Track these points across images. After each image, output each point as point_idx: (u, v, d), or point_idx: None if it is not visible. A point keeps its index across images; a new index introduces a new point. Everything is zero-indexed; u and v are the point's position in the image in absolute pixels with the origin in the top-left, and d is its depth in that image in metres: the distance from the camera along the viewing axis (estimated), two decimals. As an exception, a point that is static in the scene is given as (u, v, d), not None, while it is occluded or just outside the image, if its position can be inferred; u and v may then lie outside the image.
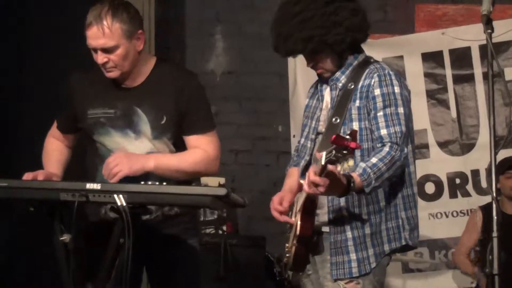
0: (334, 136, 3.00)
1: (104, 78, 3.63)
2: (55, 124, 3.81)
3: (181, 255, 3.70)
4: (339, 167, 3.12)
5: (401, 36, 6.31)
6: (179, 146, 3.67)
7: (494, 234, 2.84)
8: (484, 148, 4.43)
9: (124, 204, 3.02)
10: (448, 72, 6.28)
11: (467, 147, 6.27)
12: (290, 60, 6.46)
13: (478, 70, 6.09)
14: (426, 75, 6.15)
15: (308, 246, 3.53)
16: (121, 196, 3.03)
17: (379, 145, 3.43)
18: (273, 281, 5.58)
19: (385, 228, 3.47)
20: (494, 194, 2.90)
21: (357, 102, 3.48)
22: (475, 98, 6.27)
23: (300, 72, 6.45)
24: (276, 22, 3.58)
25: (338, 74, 3.55)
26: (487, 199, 5.50)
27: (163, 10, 6.15)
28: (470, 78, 6.25)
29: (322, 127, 3.57)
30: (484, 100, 6.16)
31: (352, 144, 2.98)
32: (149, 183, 3.58)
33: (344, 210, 3.46)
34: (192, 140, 3.66)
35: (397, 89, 3.46)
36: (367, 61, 3.58)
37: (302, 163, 3.63)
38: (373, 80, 3.47)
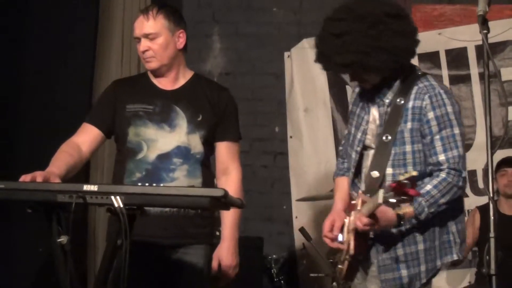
0: (394, 184, 3.07)
1: (143, 81, 3.92)
2: (80, 128, 3.88)
3: (190, 259, 3.77)
4: (397, 211, 3.22)
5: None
6: (206, 149, 3.84)
7: (491, 234, 2.85)
8: (481, 148, 4.45)
9: (121, 205, 3.01)
10: (445, 72, 6.30)
11: (463, 148, 6.29)
12: (287, 60, 6.48)
13: (474, 70, 6.09)
14: (423, 76, 6.17)
15: (359, 261, 3.60)
16: (118, 197, 3.02)
17: (436, 170, 3.43)
18: (271, 282, 5.59)
19: (438, 244, 3.46)
20: (491, 195, 2.90)
21: (409, 124, 3.45)
22: (471, 99, 6.28)
23: (296, 72, 6.47)
24: (319, 39, 3.56)
25: (384, 90, 3.52)
26: (484, 199, 5.51)
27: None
28: (466, 79, 6.26)
29: (370, 142, 3.57)
30: (480, 100, 6.17)
31: (412, 192, 3.07)
32: (146, 184, 3.65)
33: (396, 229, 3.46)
34: (222, 146, 3.90)
35: (450, 109, 3.43)
36: (415, 74, 3.53)
37: (352, 176, 3.66)
38: (424, 102, 3.44)
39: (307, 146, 6.42)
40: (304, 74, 6.47)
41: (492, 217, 2.87)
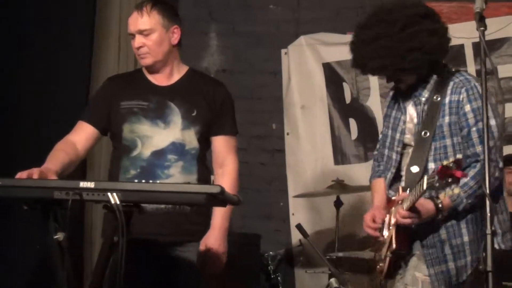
0: (440, 167, 3.15)
1: (138, 77, 3.94)
2: (75, 126, 3.89)
3: (186, 257, 3.77)
4: (442, 194, 3.32)
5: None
6: (202, 144, 3.85)
7: (488, 231, 2.84)
8: (478, 145, 4.42)
9: (118, 202, 3.01)
10: (442, 69, 6.30)
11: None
12: (284, 57, 6.48)
13: (471, 67, 6.07)
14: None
15: (401, 256, 3.59)
16: (114, 194, 3.02)
17: (474, 162, 3.46)
18: (268, 278, 5.60)
19: (481, 235, 3.44)
20: (488, 191, 2.89)
21: (447, 118, 3.50)
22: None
23: (293, 70, 6.47)
24: (352, 47, 3.60)
25: (419, 88, 3.57)
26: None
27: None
28: (463, 76, 6.26)
29: (409, 140, 3.62)
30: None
31: (458, 174, 3.14)
32: (143, 181, 3.66)
33: (440, 222, 3.48)
34: (219, 140, 3.92)
35: (486, 101, 3.39)
36: (449, 72, 3.58)
37: (389, 175, 3.68)
38: (461, 96, 3.48)
39: (304, 143, 6.42)
40: (301, 71, 6.47)
41: (489, 214, 2.86)
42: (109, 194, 3.02)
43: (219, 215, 3.78)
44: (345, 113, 6.40)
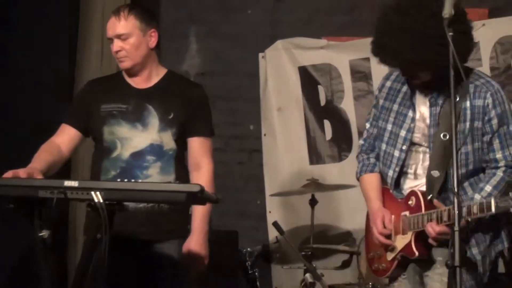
0: None
1: (118, 80, 3.93)
2: (59, 129, 3.91)
3: (166, 253, 3.78)
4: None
5: (368, 38, 6.29)
6: (180, 145, 3.85)
7: (456, 228, 2.85)
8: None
9: (101, 200, 3.02)
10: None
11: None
12: (261, 60, 6.49)
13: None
14: (392, 76, 6.17)
15: (416, 261, 3.47)
16: (98, 193, 3.03)
17: (493, 168, 3.37)
18: (245, 274, 5.60)
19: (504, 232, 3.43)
20: (456, 190, 2.90)
21: (469, 123, 3.34)
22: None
23: (270, 73, 6.48)
24: (383, 32, 3.37)
25: (435, 89, 3.39)
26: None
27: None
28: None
29: (420, 140, 3.43)
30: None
31: None
32: (125, 180, 3.66)
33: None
34: (194, 141, 3.90)
35: (507, 106, 3.38)
36: (466, 71, 3.26)
37: (392, 174, 3.51)
38: (487, 101, 3.34)
39: (281, 143, 6.43)
40: (278, 74, 6.48)
41: (457, 211, 2.87)
42: (92, 193, 3.03)
43: (199, 219, 3.80)
44: (320, 115, 6.41)
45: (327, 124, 6.39)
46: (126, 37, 3.79)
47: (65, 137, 3.86)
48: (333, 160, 6.32)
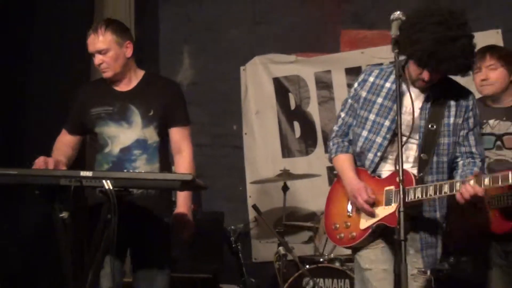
0: None
1: (103, 85, 3.80)
2: (62, 131, 3.86)
3: (157, 227, 3.72)
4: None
5: (329, 55, 6.34)
6: (162, 136, 3.75)
7: (401, 208, 2.81)
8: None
9: (111, 187, 3.01)
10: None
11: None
12: (242, 73, 6.48)
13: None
14: (349, 85, 6.17)
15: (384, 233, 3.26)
16: (108, 181, 3.02)
17: (470, 159, 3.30)
18: (230, 247, 5.59)
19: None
20: (401, 177, 2.86)
21: (452, 119, 3.26)
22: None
23: (249, 82, 6.47)
24: (436, 42, 3.02)
25: (438, 87, 3.25)
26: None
27: (140, 32, 6.10)
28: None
29: (404, 130, 3.16)
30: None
31: None
32: (131, 170, 3.63)
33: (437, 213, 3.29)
34: (174, 132, 3.77)
35: (478, 110, 3.36)
36: (448, 78, 3.27)
37: (372, 157, 3.31)
38: (470, 103, 3.28)
39: (258, 141, 6.42)
40: (256, 84, 6.47)
41: (402, 195, 2.83)
42: (103, 181, 3.02)
43: (182, 196, 3.73)
44: (290, 117, 6.41)
45: (296, 124, 6.39)
46: (105, 52, 3.66)
47: (69, 138, 3.84)
48: (301, 154, 6.33)
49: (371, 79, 3.38)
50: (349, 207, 3.38)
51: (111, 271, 3.23)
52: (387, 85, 3.32)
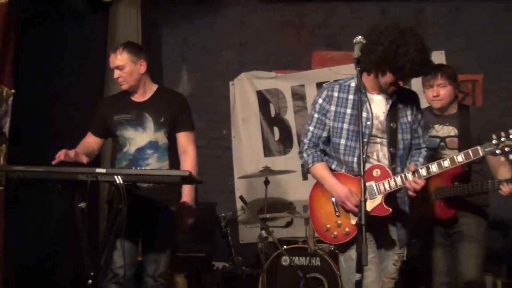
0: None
1: (124, 97, 3.82)
2: (88, 134, 3.86)
3: (163, 215, 3.71)
4: (502, 158, 3.02)
5: (303, 72, 6.35)
6: (171, 139, 3.75)
7: (362, 198, 2.78)
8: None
9: (121, 182, 3.00)
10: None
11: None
12: (231, 87, 6.47)
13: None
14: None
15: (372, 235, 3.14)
16: (119, 176, 3.01)
17: (418, 149, 3.28)
18: (220, 231, 5.59)
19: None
20: (362, 173, 2.85)
21: (409, 117, 3.22)
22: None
23: (237, 95, 6.46)
24: (421, 50, 2.97)
25: (397, 92, 3.20)
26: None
27: (146, 53, 6.06)
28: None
29: (375, 132, 3.15)
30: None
31: None
32: (138, 167, 3.63)
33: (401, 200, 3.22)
34: (181, 136, 3.78)
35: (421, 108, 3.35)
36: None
37: (356, 160, 3.15)
38: (417, 103, 3.27)
39: (244, 143, 6.41)
40: (242, 96, 6.47)
41: (363, 187, 2.80)
42: (115, 176, 3.01)
43: (187, 189, 3.74)
44: (271, 123, 6.40)
45: (276, 129, 6.39)
46: (122, 68, 3.71)
47: (91, 140, 3.83)
48: (280, 154, 6.32)
49: (335, 94, 3.24)
50: (336, 208, 3.20)
51: (122, 252, 3.21)
52: (350, 97, 3.22)
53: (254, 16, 6.50)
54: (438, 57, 5.73)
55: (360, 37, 3.06)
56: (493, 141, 3.04)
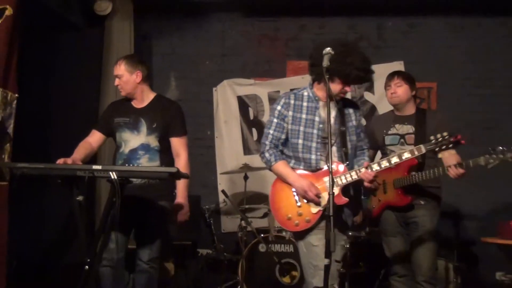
0: (460, 136, 3.10)
1: (125, 102, 3.86)
2: (92, 131, 3.85)
3: (154, 209, 3.70)
4: (441, 154, 3.22)
5: (279, 79, 6.37)
6: (162, 143, 3.75)
7: (330, 192, 2.81)
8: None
9: (116, 177, 2.98)
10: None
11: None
12: (214, 92, 6.46)
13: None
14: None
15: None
16: (114, 172, 3.00)
17: (363, 150, 3.39)
18: (204, 221, 5.59)
19: None
20: (330, 169, 2.88)
21: (354, 122, 3.33)
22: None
23: (220, 99, 6.45)
24: (364, 60, 3.13)
25: (342, 100, 3.32)
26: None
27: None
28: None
29: (325, 135, 3.19)
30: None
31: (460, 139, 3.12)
32: (131, 165, 3.61)
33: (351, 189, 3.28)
34: (174, 141, 3.79)
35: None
36: None
37: (314, 157, 3.23)
38: (359, 110, 3.39)
39: (226, 142, 6.41)
40: (224, 100, 6.47)
41: (331, 182, 2.83)
42: (110, 172, 2.99)
43: (181, 187, 3.75)
44: (250, 125, 6.40)
45: (254, 130, 6.39)
46: (120, 77, 3.78)
47: (95, 137, 3.82)
48: (258, 152, 6.28)
49: (292, 101, 3.32)
50: (297, 199, 3.25)
51: (116, 240, 3.20)
52: (304, 104, 3.33)
53: (234, 30, 6.50)
54: (397, 66, 5.80)
55: (329, 48, 3.09)
56: (433, 141, 3.19)
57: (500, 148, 3.30)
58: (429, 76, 6.02)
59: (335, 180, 3.17)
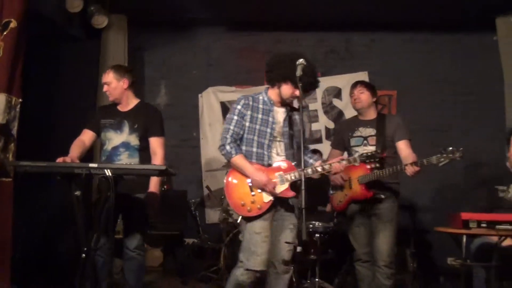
0: (384, 154, 3.20)
1: (112, 106, 3.81)
2: (84, 130, 3.78)
3: (137, 202, 3.66)
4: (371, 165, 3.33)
5: (257, 87, 6.34)
6: (141, 141, 3.70)
7: (303, 187, 2.83)
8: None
9: (110, 174, 2.95)
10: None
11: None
12: (200, 98, 6.44)
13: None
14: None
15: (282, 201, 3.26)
16: (108, 170, 2.96)
17: (306, 149, 3.42)
18: (190, 213, 5.57)
19: None
20: (303, 168, 2.90)
21: (299, 126, 3.31)
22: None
23: (205, 105, 6.44)
24: (312, 72, 3.21)
25: (286, 106, 3.36)
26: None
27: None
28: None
29: (276, 134, 3.29)
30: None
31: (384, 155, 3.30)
32: (124, 163, 3.57)
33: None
34: (152, 140, 3.72)
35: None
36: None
37: (266, 153, 3.28)
38: (306, 116, 3.42)
39: (210, 143, 6.38)
40: (209, 105, 6.45)
41: (303, 189, 2.84)
42: (105, 170, 2.96)
43: (154, 182, 3.69)
44: (232, 127, 6.40)
45: (235, 132, 6.38)
46: (109, 84, 3.76)
47: (87, 135, 3.77)
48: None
49: (250, 103, 3.33)
50: (251, 189, 3.26)
51: (107, 228, 3.16)
52: (260, 106, 3.35)
53: (218, 43, 6.49)
54: (362, 76, 5.84)
55: (302, 59, 3.10)
56: (364, 154, 3.34)
57: (450, 148, 3.35)
58: (389, 85, 6.09)
59: (285, 176, 3.23)
